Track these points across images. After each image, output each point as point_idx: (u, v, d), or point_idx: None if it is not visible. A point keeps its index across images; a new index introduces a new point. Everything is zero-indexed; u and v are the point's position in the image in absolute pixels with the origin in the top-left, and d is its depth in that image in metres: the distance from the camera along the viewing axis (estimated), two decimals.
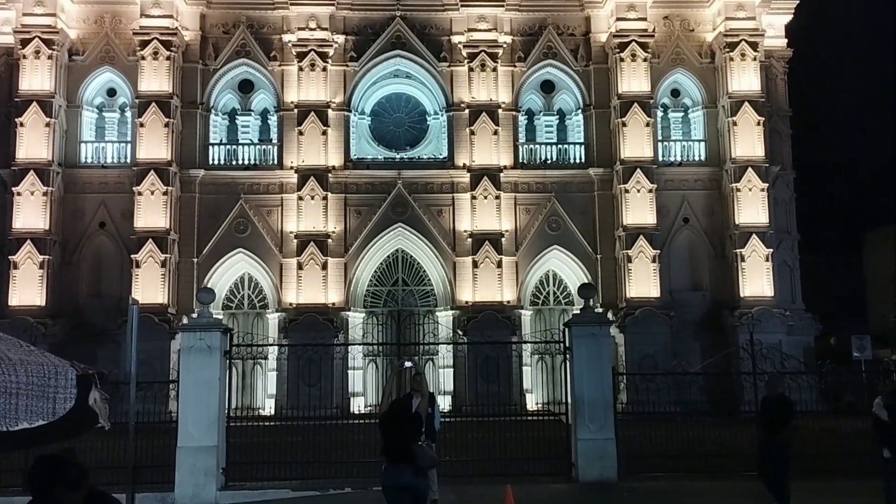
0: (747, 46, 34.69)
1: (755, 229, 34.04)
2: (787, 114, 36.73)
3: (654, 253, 34.02)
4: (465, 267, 34.46)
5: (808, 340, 34.94)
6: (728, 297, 34.34)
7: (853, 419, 14.99)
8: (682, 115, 37.02)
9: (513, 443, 15.55)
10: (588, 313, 15.32)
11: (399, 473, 8.18)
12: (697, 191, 35.61)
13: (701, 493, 12.61)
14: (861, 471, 12.07)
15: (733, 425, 18.29)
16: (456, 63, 35.70)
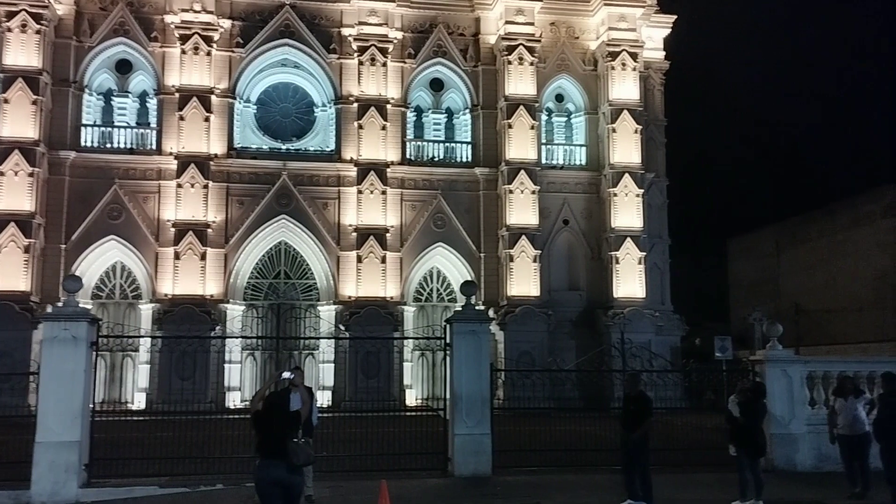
0: (628, 57, 36.09)
1: (630, 233, 35.44)
2: (662, 123, 38.42)
3: (535, 253, 34.86)
4: (349, 261, 34.24)
5: (675, 340, 36.67)
6: (603, 297, 35.60)
7: (714, 415, 15.82)
8: (565, 120, 38.13)
9: (391, 438, 15.59)
10: (469, 310, 15.52)
11: (273, 469, 8.03)
12: (577, 194, 36.73)
13: (569, 486, 13.03)
14: (720, 464, 12.78)
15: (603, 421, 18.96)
16: (346, 56, 35.41)
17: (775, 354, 15.50)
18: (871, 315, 51.30)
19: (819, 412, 15.26)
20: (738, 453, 11.83)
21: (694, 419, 18.83)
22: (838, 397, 13.01)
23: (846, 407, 12.63)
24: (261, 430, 8.25)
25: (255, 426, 8.34)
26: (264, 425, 8.24)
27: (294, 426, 8.51)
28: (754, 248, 66.79)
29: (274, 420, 8.25)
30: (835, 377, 15.41)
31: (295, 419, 8.58)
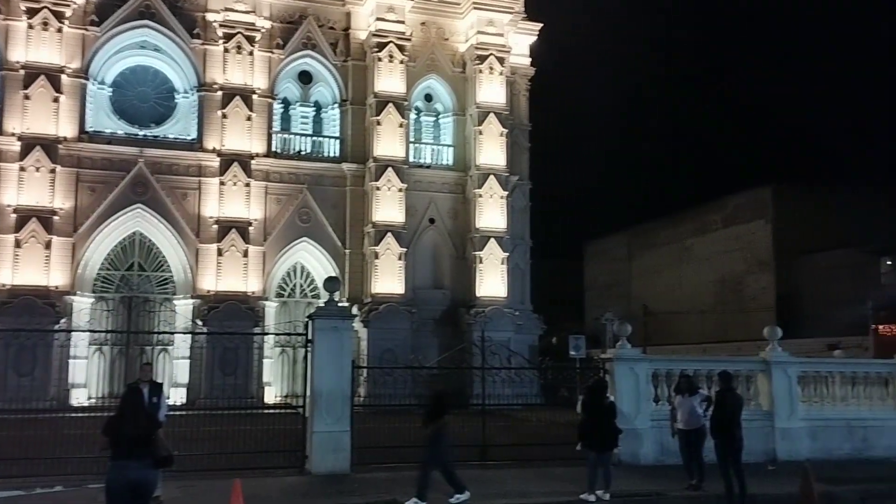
0: (496, 61, 36.89)
1: (494, 234, 36.23)
2: (527, 128, 39.50)
3: (400, 251, 34.99)
4: (208, 254, 33.15)
5: (534, 339, 37.82)
6: (466, 296, 36.20)
7: (568, 411, 16.40)
8: (433, 120, 38.51)
9: (248, 436, 15.22)
10: (332, 307, 15.37)
11: (128, 471, 7.62)
12: (444, 193, 37.17)
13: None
14: (573, 458, 13.27)
15: (463, 417, 19.28)
16: (210, 42, 34.25)
17: (624, 353, 16.26)
18: (712, 317, 54.88)
19: (662, 408, 16.11)
20: (585, 447, 12.32)
21: (548, 415, 19.46)
22: (678, 394, 13.81)
23: (684, 403, 13.41)
24: (114, 429, 7.81)
25: (109, 424, 7.87)
26: (117, 424, 7.81)
27: (153, 425, 8.14)
28: (608, 252, 69.92)
29: (127, 418, 7.84)
30: (676, 375, 16.36)
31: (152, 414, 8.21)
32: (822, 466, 15.02)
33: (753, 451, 15.71)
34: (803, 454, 16.13)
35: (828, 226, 46.17)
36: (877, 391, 17.75)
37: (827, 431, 16.92)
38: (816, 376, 17.62)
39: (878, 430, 17.18)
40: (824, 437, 16.85)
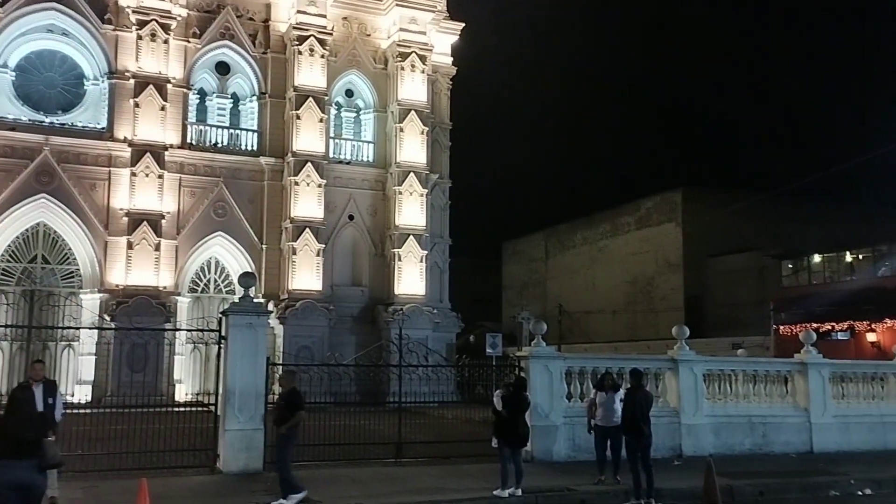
0: (417, 59, 36.89)
1: (413, 231, 36.24)
2: (447, 127, 39.63)
3: (319, 247, 34.63)
4: (118, 247, 32.07)
5: (451, 337, 38.02)
6: (384, 293, 36.11)
7: (484, 408, 16.55)
8: (354, 116, 38.24)
9: (157, 435, 14.79)
10: (247, 303, 15.10)
11: (14, 470, 7.28)
12: (364, 190, 36.96)
13: (339, 480, 13.09)
14: (486, 454, 13.41)
15: (379, 415, 19.26)
16: (122, 28, 33.12)
17: (538, 351, 16.51)
18: (623, 317, 56.36)
19: (575, 405, 16.45)
20: (500, 444, 12.48)
21: (465, 412, 19.61)
22: (599, 391, 14.11)
23: (606, 400, 13.72)
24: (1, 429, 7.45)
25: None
26: (4, 423, 7.45)
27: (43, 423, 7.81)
28: (526, 251, 70.95)
29: (15, 417, 7.48)
30: (589, 372, 16.73)
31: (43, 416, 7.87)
32: (725, 461, 15.62)
33: (661, 446, 16.24)
34: (707, 449, 16.72)
35: (734, 230, 48.05)
36: (777, 389, 18.53)
37: (729, 427, 17.58)
38: (721, 374, 18.27)
39: (776, 426, 17.95)
40: (727, 433, 17.50)
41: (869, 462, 16.21)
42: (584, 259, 62.74)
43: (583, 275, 62.56)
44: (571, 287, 63.27)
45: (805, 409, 18.28)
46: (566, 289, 63.71)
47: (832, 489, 13.58)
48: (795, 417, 18.19)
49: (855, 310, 33.63)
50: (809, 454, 17.63)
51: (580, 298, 61.12)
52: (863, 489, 13.63)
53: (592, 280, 61.41)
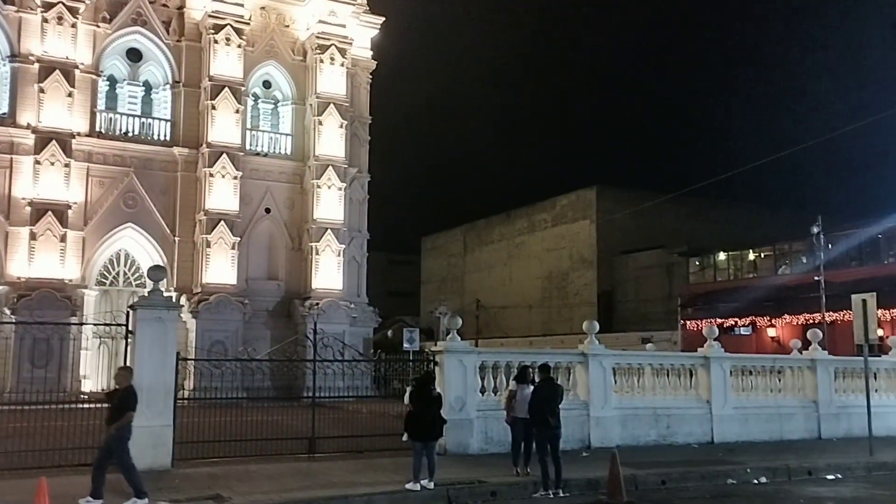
0: (337, 52, 36.62)
1: (331, 225, 36.00)
2: (367, 121, 39.49)
3: (234, 240, 34.05)
4: (20, 238, 30.79)
5: (369, 332, 37.98)
6: (301, 287, 35.77)
7: (399, 403, 16.61)
8: (272, 108, 37.71)
9: (59, 432, 14.29)
10: (156, 296, 14.72)
11: None
12: (281, 183, 36.51)
13: (251, 476, 12.95)
14: (400, 448, 13.49)
15: (294, 410, 19.11)
16: (27, 10, 31.76)
17: (453, 346, 16.68)
18: (538, 312, 57.41)
19: (488, 399, 16.69)
20: (412, 438, 12.58)
21: (380, 407, 19.63)
22: (519, 384, 14.35)
23: (524, 392, 13.97)
24: None
25: None
26: None
27: None
28: (445, 247, 71.38)
29: None
30: (503, 366, 17.00)
31: None
32: (631, 452, 16.18)
33: (570, 438, 16.66)
34: (615, 441, 17.22)
35: (645, 228, 49.52)
36: (681, 382, 19.21)
37: (636, 419, 18.14)
38: (629, 368, 18.81)
39: (680, 417, 18.63)
40: (633, 425, 18.06)
41: (765, 451, 16.99)
42: (502, 255, 63.56)
43: (500, 270, 63.38)
44: (489, 282, 64.01)
45: (707, 402, 19.01)
46: (484, 284, 64.41)
47: (730, 477, 14.20)
48: (698, 409, 18.91)
49: (757, 306, 35.13)
50: (710, 444, 18.35)
51: (497, 293, 61.90)
52: (758, 477, 14.31)
53: (509, 275, 62.28)
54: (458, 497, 12.17)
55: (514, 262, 62.04)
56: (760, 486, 13.72)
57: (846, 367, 20.83)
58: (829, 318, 28.04)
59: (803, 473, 14.75)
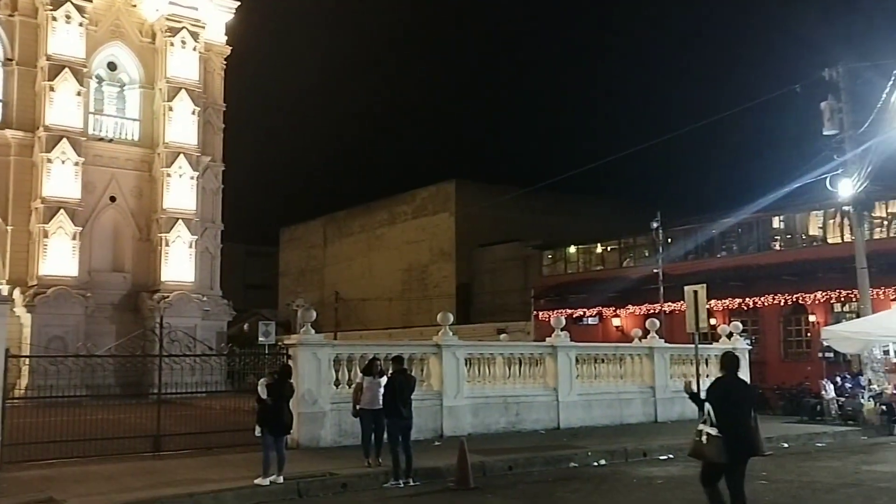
0: (188, 35, 35.28)
1: (182, 215, 34.74)
2: (221, 108, 38.34)
3: (75, 230, 32.23)
4: None
5: (222, 325, 36.99)
6: (150, 280, 34.36)
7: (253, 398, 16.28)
8: (118, 91, 35.87)
9: None
10: None
11: None
12: (128, 170, 34.89)
13: (89, 477, 12.35)
14: (251, 444, 13.25)
15: (139, 407, 18.39)
16: None
17: (307, 339, 16.56)
18: (398, 304, 57.71)
19: (342, 391, 16.68)
20: (263, 432, 12.42)
21: (233, 402, 19.17)
22: (366, 375, 14.40)
23: (372, 384, 14.04)
24: None
25: None
26: None
27: None
28: (304, 238, 70.37)
29: None
30: (358, 359, 17.03)
31: None
32: (481, 440, 16.66)
33: (424, 428, 16.95)
34: (466, 429, 17.67)
35: (502, 221, 50.77)
36: (530, 370, 19.93)
37: (487, 408, 18.67)
38: (481, 358, 19.31)
39: (528, 405, 19.33)
40: (484, 413, 18.57)
41: (606, 435, 17.93)
42: (362, 246, 63.38)
43: (360, 262, 63.19)
44: (349, 274, 63.70)
45: (554, 389, 19.82)
46: (344, 276, 64.04)
47: (572, 461, 14.88)
48: (545, 397, 19.68)
49: (603, 297, 36.83)
50: (557, 430, 19.15)
51: (357, 285, 61.72)
52: (598, 460, 15.08)
53: (370, 267, 62.22)
54: (309, 490, 12.12)
55: (374, 254, 62.01)
56: (599, 468, 14.47)
57: (680, 354, 22.26)
58: (667, 308, 29.79)
59: (639, 455, 15.68)
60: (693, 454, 8.89)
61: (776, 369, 28.91)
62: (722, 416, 8.43)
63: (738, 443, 8.40)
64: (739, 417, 8.52)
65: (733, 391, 8.72)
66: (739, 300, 31.31)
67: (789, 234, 33.74)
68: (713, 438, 8.37)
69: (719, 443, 8.33)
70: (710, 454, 8.43)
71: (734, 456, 8.40)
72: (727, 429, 8.36)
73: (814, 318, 29.62)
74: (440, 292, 54.47)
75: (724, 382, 8.83)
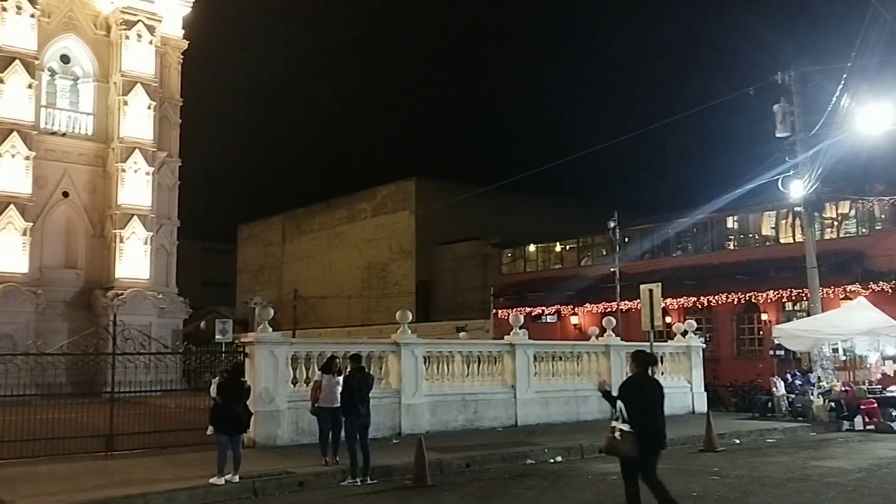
0: (144, 28, 34.73)
1: (137, 212, 34.20)
2: (178, 103, 37.78)
3: (25, 225, 31.56)
4: None
5: (179, 323, 36.49)
6: (104, 277, 33.78)
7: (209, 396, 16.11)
8: (71, 84, 35.16)
9: None
10: None
11: None
12: (81, 165, 34.25)
13: (38, 478, 12.10)
14: (207, 443, 13.11)
15: (92, 406, 18.06)
16: None
17: (264, 337, 16.43)
18: (358, 302, 57.51)
19: (300, 390, 16.58)
20: (217, 431, 12.29)
21: (189, 401, 18.95)
22: (324, 373, 14.34)
23: (330, 382, 13.99)
24: None
25: None
26: None
27: None
28: (263, 235, 69.74)
29: None
30: (316, 357, 16.94)
31: None
32: (439, 437, 16.70)
33: (382, 426, 16.95)
34: (425, 427, 17.71)
35: (462, 219, 50.86)
36: (488, 368, 20.04)
37: (445, 406, 18.72)
38: (440, 356, 19.37)
39: (486, 403, 19.43)
40: (443, 411, 18.63)
41: (563, 432, 18.09)
42: (322, 244, 63.01)
43: (320, 260, 62.82)
44: (308, 272, 63.29)
45: (512, 387, 19.95)
46: (303, 274, 63.62)
47: (528, 458, 15.00)
48: (503, 394, 19.80)
49: (562, 295, 37.15)
50: (514, 427, 19.30)
51: (317, 283, 61.36)
52: (554, 457, 15.22)
53: (329, 265, 61.88)
54: (265, 489, 12.04)
55: (333, 251, 61.67)
56: (555, 465, 14.61)
57: None
58: (623, 306, 30.15)
59: (594, 451, 15.79)
60: (607, 450, 9.22)
61: (729, 367, 29.47)
62: (634, 412, 8.75)
63: (649, 437, 8.74)
64: (650, 413, 8.86)
65: (644, 389, 9.07)
66: (694, 299, 31.82)
67: (743, 234, 34.40)
68: (626, 434, 8.70)
69: (631, 438, 8.65)
70: (623, 449, 8.75)
71: (645, 450, 8.74)
72: (639, 425, 8.69)
73: (766, 316, 30.24)
74: (400, 290, 54.41)
75: (636, 380, 9.22)
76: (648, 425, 8.74)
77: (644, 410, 8.77)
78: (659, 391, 9.19)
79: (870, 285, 26.43)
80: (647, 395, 8.93)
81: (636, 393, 8.92)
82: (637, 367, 9.39)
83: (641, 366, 9.37)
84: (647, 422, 8.74)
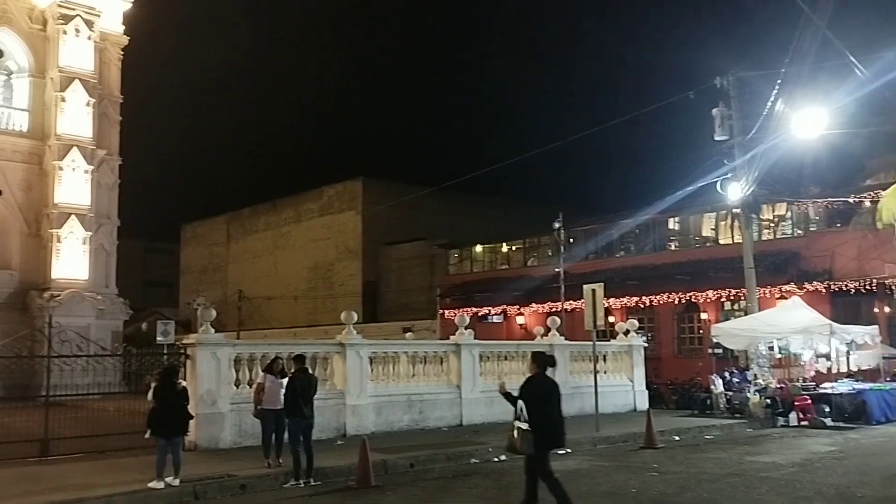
0: (83, 23, 33.92)
1: (75, 211, 33.39)
2: (118, 100, 36.96)
3: None
4: None
5: (119, 324, 35.72)
6: (40, 277, 32.90)
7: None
8: (5, 79, 34.15)
9: None
10: None
11: None
12: (15, 163, 33.32)
13: None
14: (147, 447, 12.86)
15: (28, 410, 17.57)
16: None
17: (206, 338, 16.19)
18: (304, 302, 57.03)
19: (242, 391, 16.38)
20: (155, 435, 12.08)
21: (129, 404, 18.56)
22: (268, 374, 14.19)
23: (274, 383, 13.85)
24: None
25: None
26: None
27: None
28: (207, 235, 68.65)
29: None
30: (259, 358, 16.75)
31: None
32: (384, 438, 16.68)
33: (327, 427, 16.86)
34: (370, 428, 17.67)
35: (408, 220, 50.84)
36: (434, 368, 20.06)
37: (391, 406, 18.70)
38: (385, 356, 19.34)
39: (432, 403, 19.47)
40: (388, 412, 18.60)
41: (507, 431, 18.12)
42: (267, 244, 62.31)
43: (265, 260, 62.12)
44: (253, 272, 62.52)
45: (457, 386, 20.02)
46: (248, 274, 62.82)
47: (473, 457, 15.07)
48: (449, 394, 19.86)
49: (508, 295, 37.42)
50: (459, 427, 19.36)
51: (262, 284, 60.66)
52: (498, 455, 15.31)
53: (275, 265, 61.23)
54: (206, 492, 11.87)
55: (279, 252, 61.02)
56: (499, 464, 14.70)
57: (579, 351, 22.84)
58: (568, 306, 30.50)
59: None
60: (508, 449, 9.61)
61: (670, 365, 30.06)
62: (533, 411, 9.04)
63: (547, 435, 9.11)
64: (549, 412, 9.19)
65: (543, 388, 9.39)
66: (636, 298, 32.37)
67: (684, 235, 35.12)
68: (524, 433, 9.02)
69: (528, 436, 8.97)
70: (521, 447, 9.10)
71: (543, 447, 9.10)
72: (538, 423, 8.99)
73: (705, 315, 30.93)
74: (346, 291, 54.12)
75: (535, 380, 9.52)
76: (545, 424, 9.04)
77: (541, 410, 9.07)
78: (556, 390, 9.48)
79: (804, 285, 27.24)
80: (544, 395, 9.24)
81: (534, 393, 9.21)
82: (536, 368, 9.68)
83: (540, 366, 9.67)
84: (543, 420, 9.03)
